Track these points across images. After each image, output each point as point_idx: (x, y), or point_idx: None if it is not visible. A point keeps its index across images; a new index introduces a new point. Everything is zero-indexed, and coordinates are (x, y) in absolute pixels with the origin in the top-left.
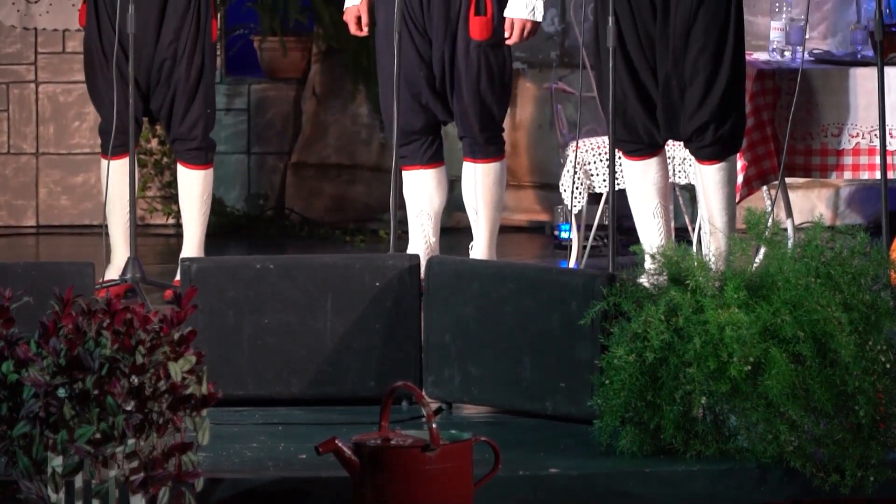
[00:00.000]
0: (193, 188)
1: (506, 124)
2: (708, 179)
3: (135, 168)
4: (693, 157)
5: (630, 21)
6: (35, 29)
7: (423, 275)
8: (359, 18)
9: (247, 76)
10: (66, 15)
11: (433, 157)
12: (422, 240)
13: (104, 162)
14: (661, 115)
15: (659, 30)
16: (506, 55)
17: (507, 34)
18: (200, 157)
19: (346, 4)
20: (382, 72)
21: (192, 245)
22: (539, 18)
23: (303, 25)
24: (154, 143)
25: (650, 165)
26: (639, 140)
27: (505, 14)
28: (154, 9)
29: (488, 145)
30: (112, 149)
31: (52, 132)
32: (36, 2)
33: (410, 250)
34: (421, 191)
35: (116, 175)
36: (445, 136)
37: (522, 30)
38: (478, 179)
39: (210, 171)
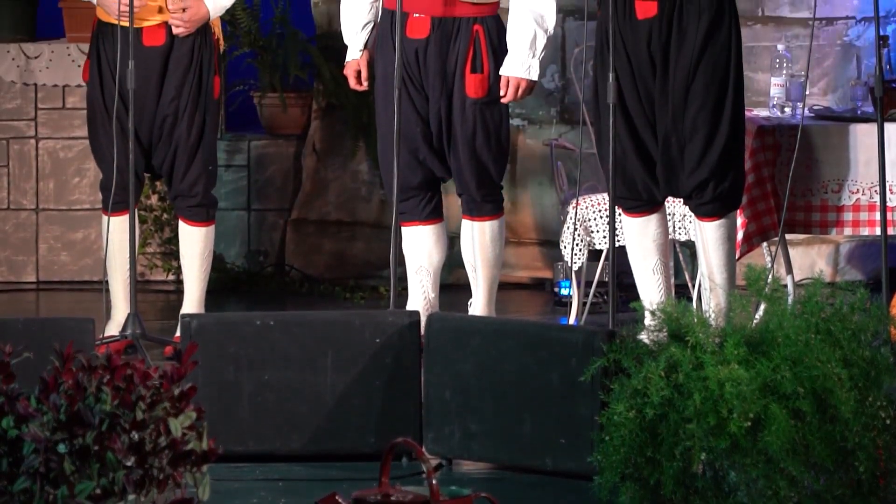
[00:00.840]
0: (194, 245)
1: (505, 181)
2: (708, 236)
3: (135, 224)
4: (693, 214)
5: (630, 78)
6: (35, 84)
7: (422, 331)
8: (358, 73)
9: (247, 132)
10: (66, 71)
11: (432, 213)
12: (421, 296)
13: (105, 218)
14: (660, 172)
15: (658, 86)
16: (502, 113)
17: (502, 92)
18: (201, 213)
19: (347, 59)
20: (380, 127)
21: (192, 301)
22: (535, 77)
23: (303, 81)
24: (154, 200)
25: (650, 222)
26: (638, 197)
27: (501, 72)
28: (156, 65)
29: (486, 203)
30: (112, 205)
31: (52, 188)
32: (36, 57)
33: (410, 306)
34: (420, 247)
35: (117, 231)
36: (445, 192)
37: (517, 88)
38: (475, 237)
39: (211, 228)
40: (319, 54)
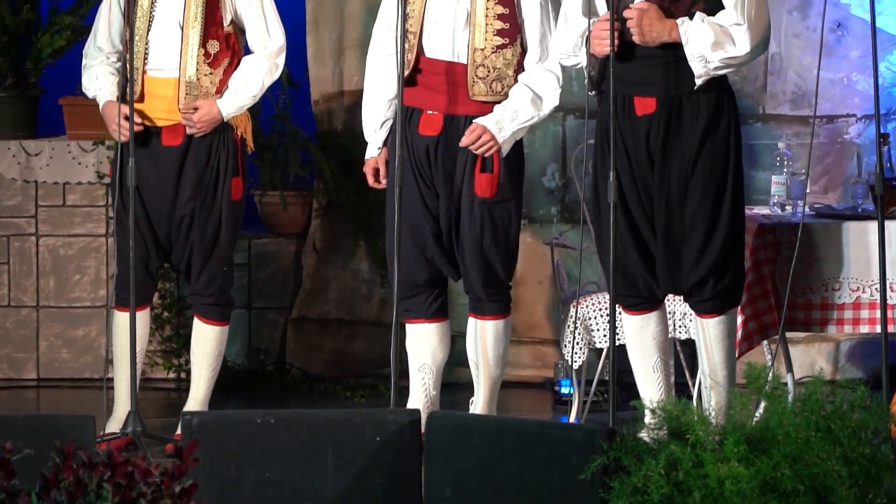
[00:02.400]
0: (207, 343)
1: None
2: (708, 333)
3: (148, 321)
4: (693, 311)
5: (629, 174)
6: (35, 182)
7: (423, 429)
8: (376, 171)
9: (247, 230)
10: (67, 168)
11: (438, 311)
12: (422, 393)
13: (115, 313)
14: (660, 269)
15: (657, 184)
16: (511, 213)
17: (464, 139)
18: (215, 312)
19: (366, 156)
20: (389, 223)
21: (197, 399)
22: (500, 139)
23: (303, 180)
24: (155, 298)
25: (650, 320)
26: (639, 294)
27: (476, 120)
28: (174, 165)
29: (492, 302)
30: (119, 300)
31: (53, 285)
32: (36, 154)
33: (411, 404)
34: (424, 344)
35: (123, 326)
36: (450, 291)
37: (477, 136)
38: (480, 335)
39: (225, 329)
40: (320, 152)
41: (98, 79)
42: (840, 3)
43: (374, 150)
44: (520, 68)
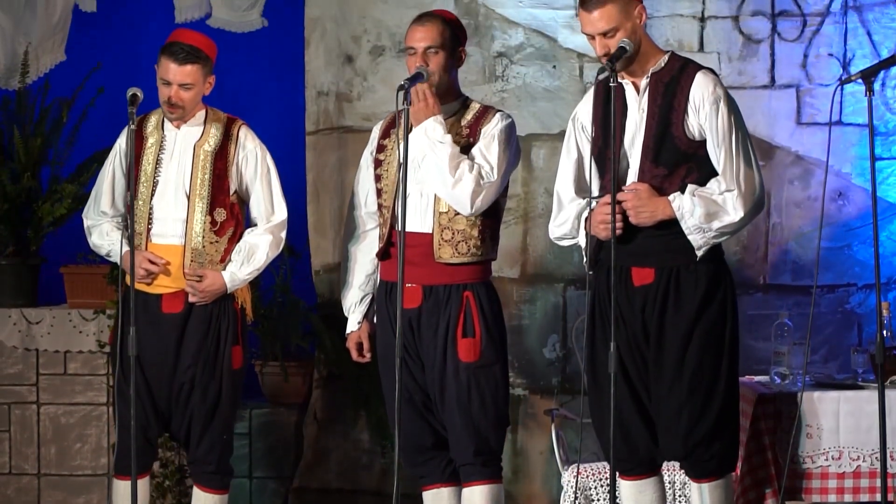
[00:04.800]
0: None
1: (507, 450)
2: (704, 497)
3: (140, 489)
4: (689, 477)
5: (625, 343)
6: (36, 350)
7: None
8: (360, 345)
9: (248, 401)
10: (68, 336)
11: (452, 476)
12: None
13: (116, 481)
14: (660, 434)
15: (653, 354)
16: (497, 377)
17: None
18: (215, 481)
19: (347, 330)
20: (386, 394)
21: None
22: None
23: (304, 350)
24: (156, 466)
25: (647, 485)
26: (639, 460)
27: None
28: (174, 332)
29: (484, 467)
30: (120, 469)
31: (54, 453)
32: (37, 323)
33: None
34: None
35: (122, 495)
36: None
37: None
38: (472, 502)
39: (225, 497)
40: (321, 323)
41: (109, 235)
42: (841, 173)
43: (354, 324)
44: (484, 228)
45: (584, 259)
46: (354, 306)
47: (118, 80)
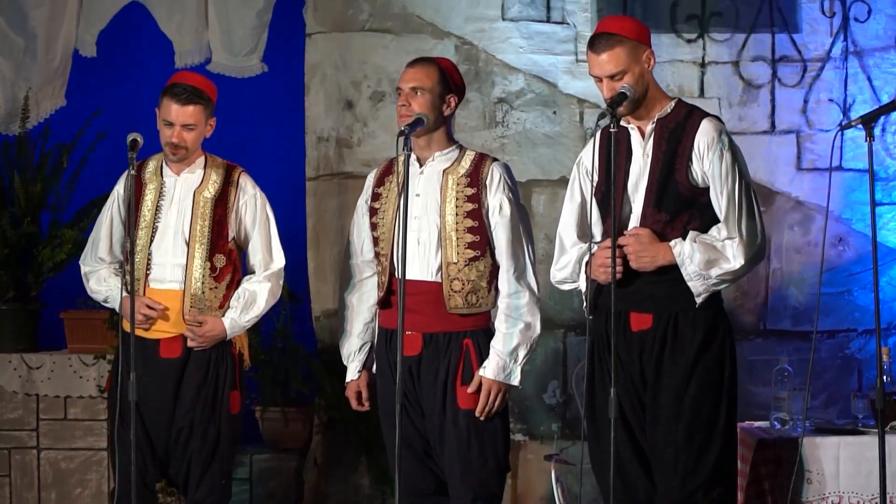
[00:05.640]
0: None
1: (507, 496)
2: None
3: None
4: None
5: (625, 390)
6: (37, 395)
7: None
8: (359, 393)
9: (249, 446)
10: (68, 381)
11: None
12: None
13: None
14: (656, 480)
15: (650, 399)
16: (497, 424)
17: (480, 404)
18: None
19: (347, 379)
20: (388, 441)
21: None
22: (515, 382)
23: (304, 395)
24: None
25: None
26: (638, 502)
27: (478, 373)
28: (172, 377)
29: None
30: None
31: (54, 499)
32: (38, 368)
33: None
34: None
35: None
36: None
37: (489, 392)
38: None
39: None
40: (321, 368)
41: (107, 280)
42: (841, 218)
43: (353, 373)
44: (492, 279)
45: (584, 304)
46: (353, 355)
47: (118, 126)
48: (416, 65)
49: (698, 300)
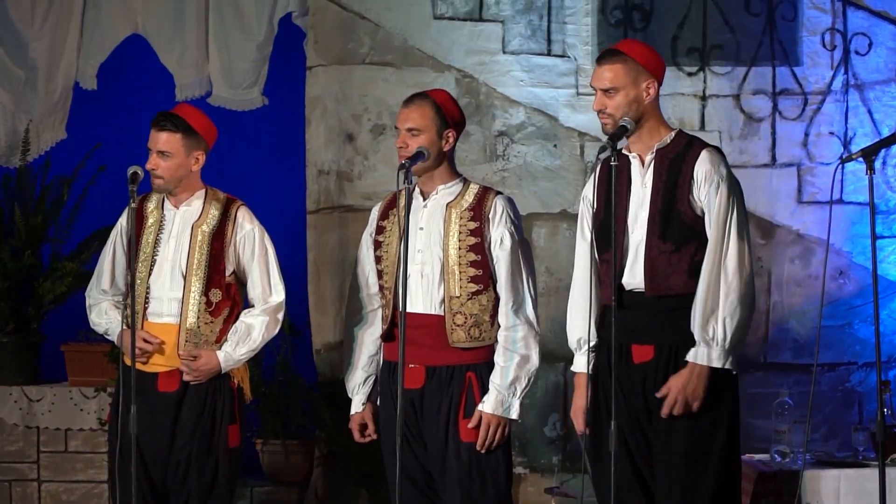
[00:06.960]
0: None
1: None
2: None
3: None
4: None
5: (628, 423)
6: (37, 427)
7: None
8: (363, 426)
9: (249, 478)
10: (69, 414)
11: None
12: None
13: None
14: None
15: (654, 431)
16: (499, 457)
17: (480, 438)
18: None
19: (352, 412)
20: (389, 473)
21: None
22: (514, 416)
23: (305, 429)
24: None
25: None
26: None
27: (478, 408)
28: (169, 411)
29: None
30: None
31: None
32: (38, 400)
33: None
34: None
35: None
36: None
37: (488, 426)
38: None
39: None
40: (322, 402)
41: (108, 313)
42: (842, 251)
43: (358, 405)
44: (496, 312)
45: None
46: (358, 388)
47: (119, 158)
48: (410, 104)
49: (727, 365)
